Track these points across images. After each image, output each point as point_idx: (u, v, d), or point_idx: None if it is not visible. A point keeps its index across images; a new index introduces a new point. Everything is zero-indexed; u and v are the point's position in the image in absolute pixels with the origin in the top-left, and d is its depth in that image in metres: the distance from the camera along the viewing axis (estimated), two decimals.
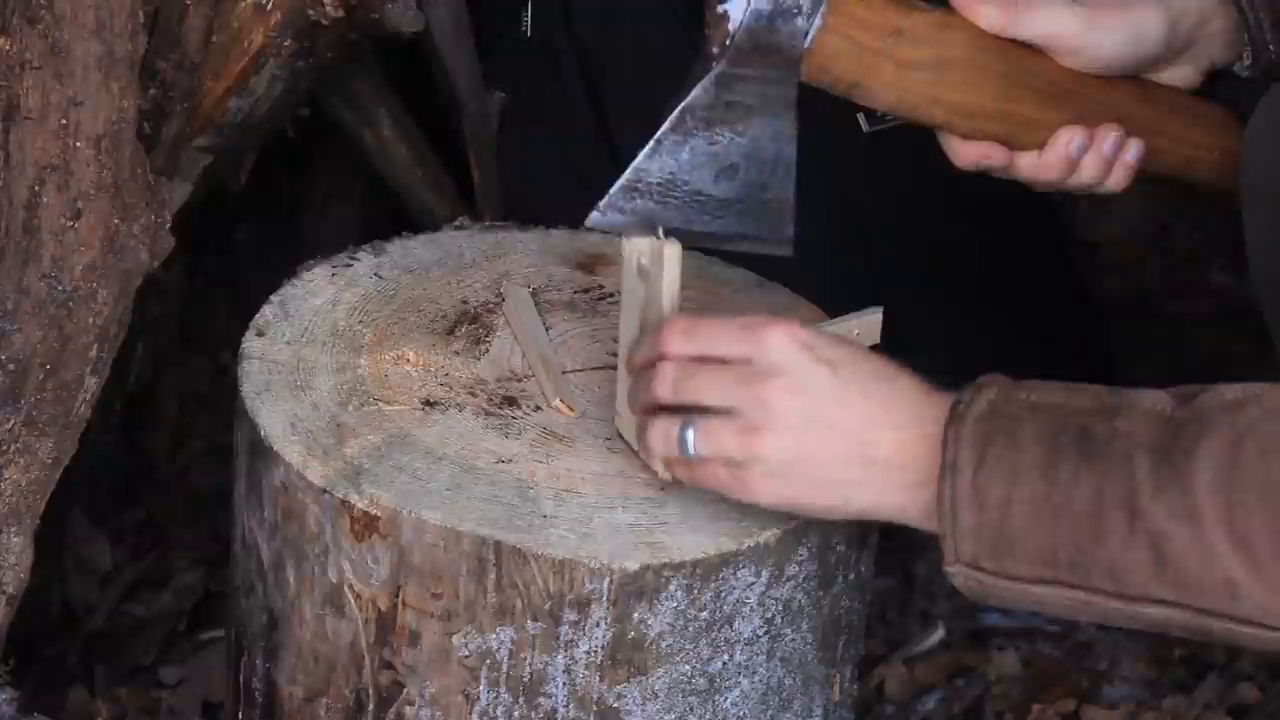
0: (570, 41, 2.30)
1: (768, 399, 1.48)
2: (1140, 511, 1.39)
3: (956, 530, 1.45)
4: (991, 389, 1.47)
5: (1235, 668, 2.21)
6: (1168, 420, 1.41)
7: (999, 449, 1.43)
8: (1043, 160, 1.71)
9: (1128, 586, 1.41)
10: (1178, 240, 2.79)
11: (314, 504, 1.58)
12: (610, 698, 1.58)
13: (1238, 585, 1.37)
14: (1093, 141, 1.71)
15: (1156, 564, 1.39)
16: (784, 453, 1.48)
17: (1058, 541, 1.42)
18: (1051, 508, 1.42)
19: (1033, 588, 1.44)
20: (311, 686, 1.65)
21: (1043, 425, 1.43)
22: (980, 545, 1.44)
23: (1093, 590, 1.43)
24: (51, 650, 2.14)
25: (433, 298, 1.80)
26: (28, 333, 1.70)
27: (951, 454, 1.44)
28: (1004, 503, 1.43)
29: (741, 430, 1.49)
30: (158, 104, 1.89)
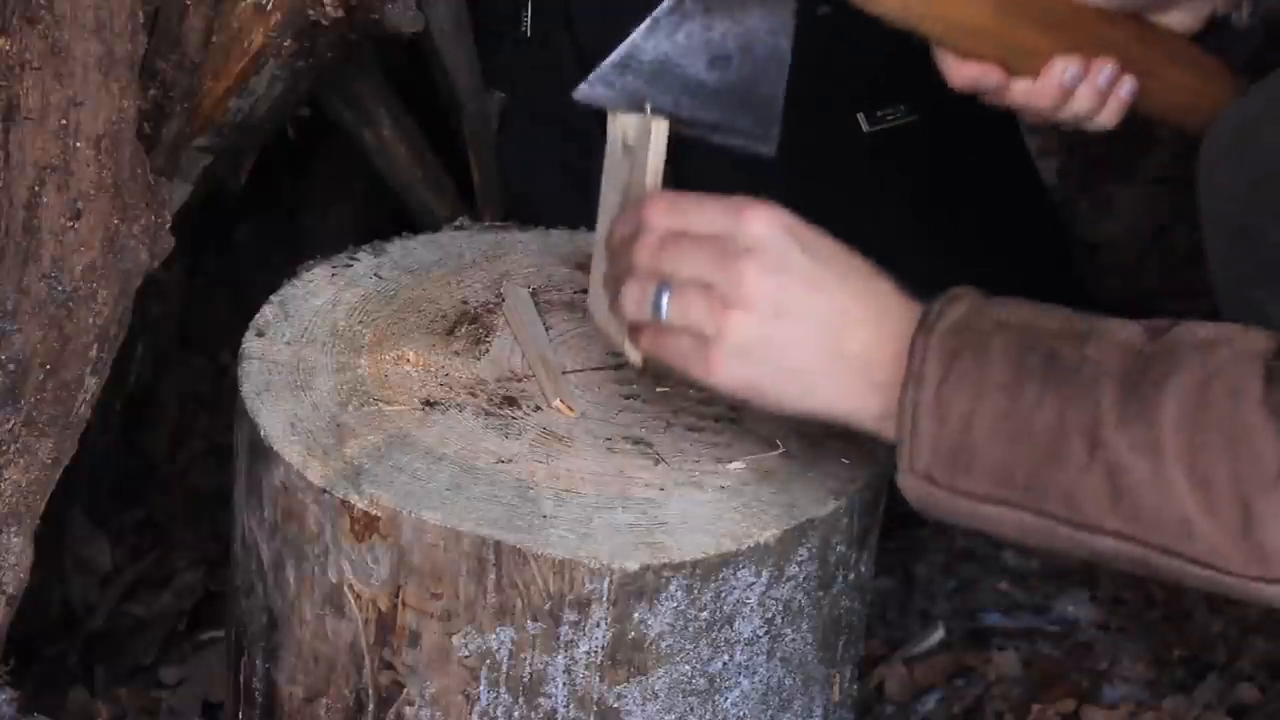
0: (570, 41, 2.30)
1: (744, 276, 1.46)
2: (1102, 440, 1.38)
3: (915, 440, 1.43)
4: (964, 302, 1.46)
5: (1235, 668, 2.21)
6: (1138, 352, 1.40)
7: (966, 363, 1.42)
8: (1037, 87, 1.71)
9: (1081, 514, 1.40)
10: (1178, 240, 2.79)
11: (314, 504, 1.58)
12: (610, 698, 1.58)
13: (1193, 524, 1.37)
14: (1087, 73, 1.70)
15: (1113, 494, 1.39)
16: (752, 333, 1.46)
17: (1016, 461, 1.41)
18: (1012, 427, 1.40)
19: (984, 506, 1.43)
20: (311, 686, 1.65)
21: (1011, 343, 1.42)
22: (936, 457, 1.43)
23: (1045, 515, 1.42)
24: (51, 650, 2.13)
25: (433, 298, 1.80)
26: (28, 333, 1.70)
27: (918, 363, 1.43)
28: (966, 417, 1.41)
29: (715, 303, 1.47)
30: (158, 104, 1.89)
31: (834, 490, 1.62)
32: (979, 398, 1.41)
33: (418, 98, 2.33)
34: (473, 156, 2.32)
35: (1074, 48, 1.71)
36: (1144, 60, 1.73)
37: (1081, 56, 1.70)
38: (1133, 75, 1.72)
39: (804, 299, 1.47)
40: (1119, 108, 1.73)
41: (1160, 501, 1.38)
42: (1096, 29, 1.71)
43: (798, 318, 1.46)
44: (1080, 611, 2.31)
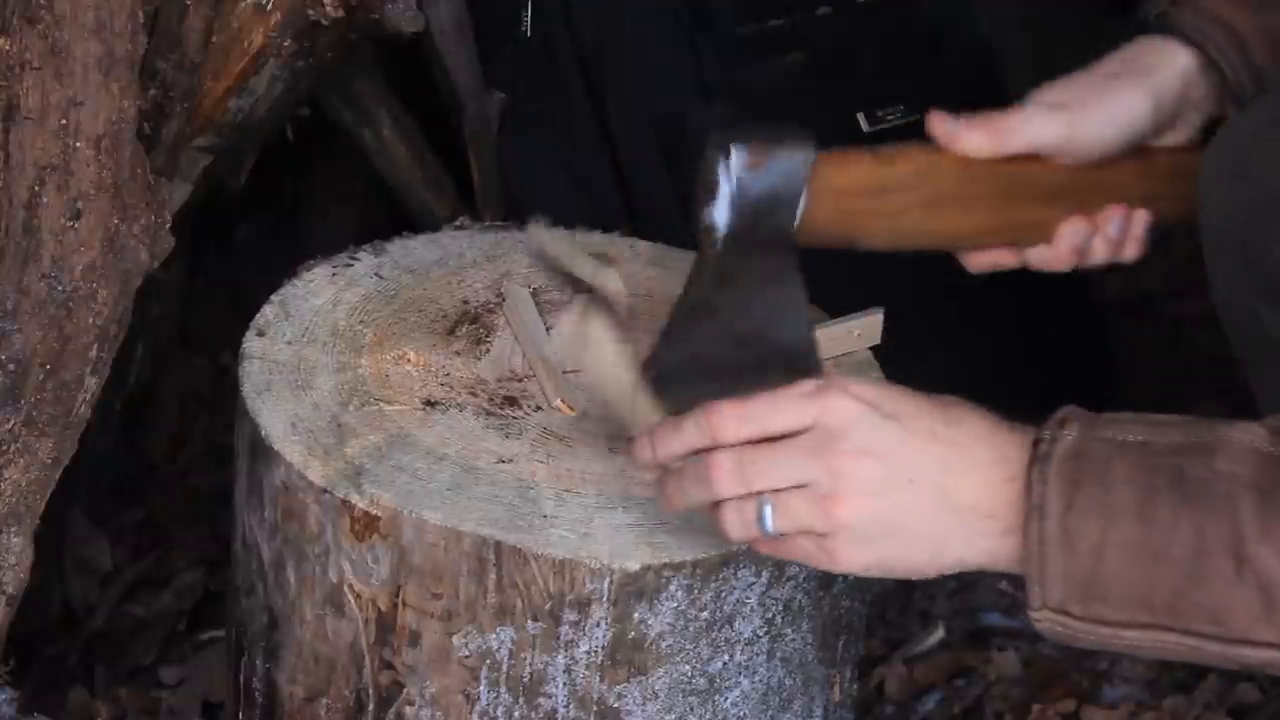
0: (570, 41, 2.30)
1: (839, 466, 1.42)
2: (1247, 555, 1.34)
3: (1045, 575, 1.39)
4: (1074, 424, 1.41)
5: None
6: (1268, 456, 1.36)
7: (1089, 490, 1.38)
8: (1052, 254, 1.72)
9: (1231, 630, 1.37)
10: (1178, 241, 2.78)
11: (314, 504, 1.58)
12: (610, 698, 1.58)
13: None
14: (1097, 229, 1.71)
15: (1265, 607, 1.35)
16: (866, 517, 1.42)
17: (1155, 585, 1.37)
18: (1150, 552, 1.37)
19: (1125, 632, 1.40)
20: (312, 686, 1.65)
21: (1134, 465, 1.38)
22: (1070, 590, 1.39)
23: (1191, 634, 1.38)
24: (51, 650, 2.13)
25: (433, 298, 1.80)
26: (28, 333, 1.70)
27: (1038, 496, 1.39)
28: (1097, 546, 1.37)
29: (819, 500, 1.43)
30: (158, 104, 1.89)
31: None
32: (1108, 525, 1.37)
33: (418, 98, 2.33)
34: (473, 156, 2.32)
35: (1079, 207, 1.70)
36: (1151, 188, 1.72)
37: (1087, 213, 1.70)
38: (1144, 207, 1.71)
39: (907, 469, 1.42)
40: (1137, 244, 1.73)
41: None
42: (1095, 181, 1.70)
43: (906, 489, 1.42)
44: None
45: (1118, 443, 1.40)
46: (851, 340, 1.78)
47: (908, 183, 1.66)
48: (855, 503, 1.42)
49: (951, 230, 1.70)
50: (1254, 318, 1.61)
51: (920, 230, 1.68)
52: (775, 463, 1.44)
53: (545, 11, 2.31)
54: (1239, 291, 1.62)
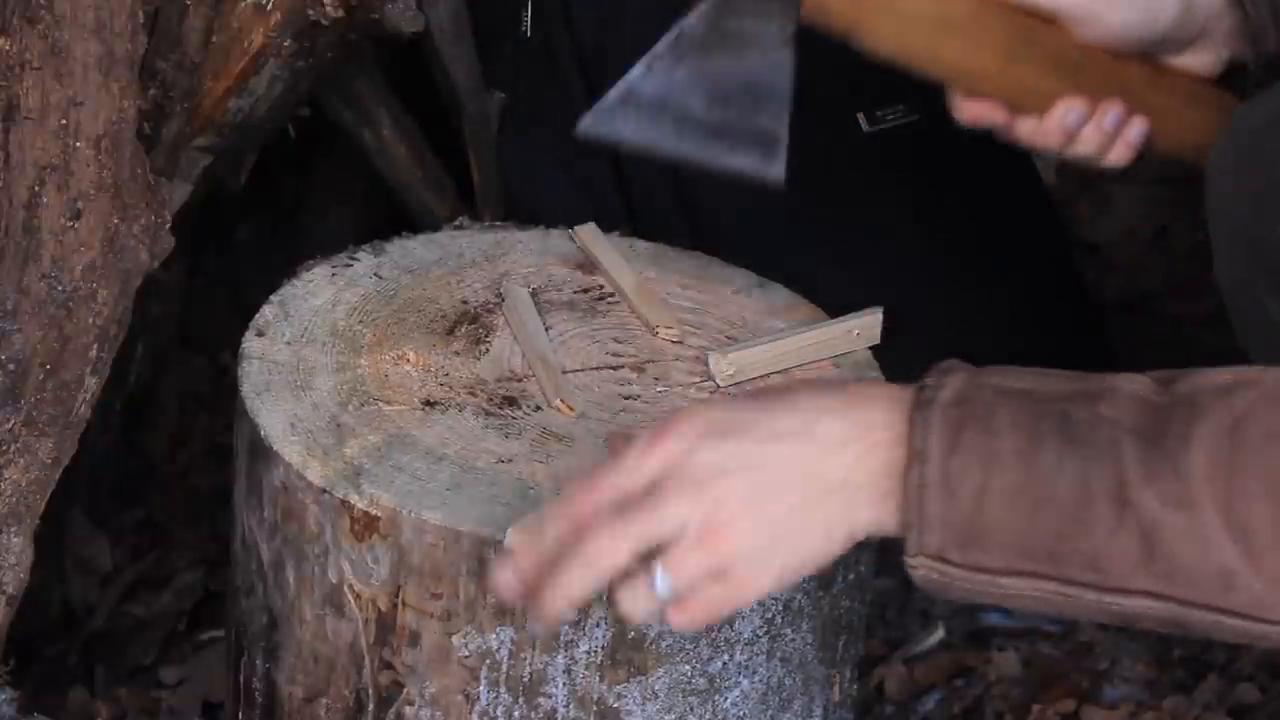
0: (570, 41, 2.30)
1: (704, 498, 1.37)
2: (1130, 499, 1.33)
3: (924, 521, 1.36)
4: (958, 374, 1.39)
5: (1235, 668, 2.21)
6: (1153, 404, 1.35)
7: (972, 435, 1.35)
8: (1042, 126, 1.69)
9: (1109, 577, 1.35)
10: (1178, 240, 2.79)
11: (314, 504, 1.58)
12: (610, 698, 1.58)
13: (1234, 575, 1.32)
14: (1093, 115, 1.69)
15: (1145, 553, 1.34)
16: (752, 535, 1.38)
17: (1036, 532, 1.35)
18: (1032, 497, 1.35)
19: (1003, 579, 1.37)
20: (311, 686, 1.65)
21: (1019, 411, 1.36)
22: (948, 536, 1.36)
23: (1068, 582, 1.36)
24: (51, 650, 2.13)
25: (433, 298, 1.80)
26: (28, 333, 1.70)
27: (920, 441, 1.36)
28: (978, 492, 1.35)
29: (702, 539, 1.37)
30: (158, 104, 1.89)
31: None
32: (990, 470, 1.35)
33: (418, 98, 2.33)
34: (473, 156, 2.32)
35: (1081, 89, 1.69)
36: (1155, 102, 1.70)
37: (1088, 98, 1.69)
38: (1143, 117, 1.70)
39: (768, 474, 1.38)
40: (1128, 149, 1.70)
41: (1198, 555, 1.32)
42: (1104, 70, 1.69)
43: (771, 493, 1.38)
44: None
45: (1003, 389, 1.38)
46: (851, 340, 1.78)
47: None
48: (735, 527, 1.37)
49: (953, 61, 1.68)
50: (1260, 307, 1.61)
51: (923, 49, 1.66)
52: (646, 515, 1.38)
53: (545, 11, 2.31)
54: (1246, 281, 1.62)
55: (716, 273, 1.88)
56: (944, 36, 1.67)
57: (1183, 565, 1.33)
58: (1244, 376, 1.35)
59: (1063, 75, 1.69)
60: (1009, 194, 2.46)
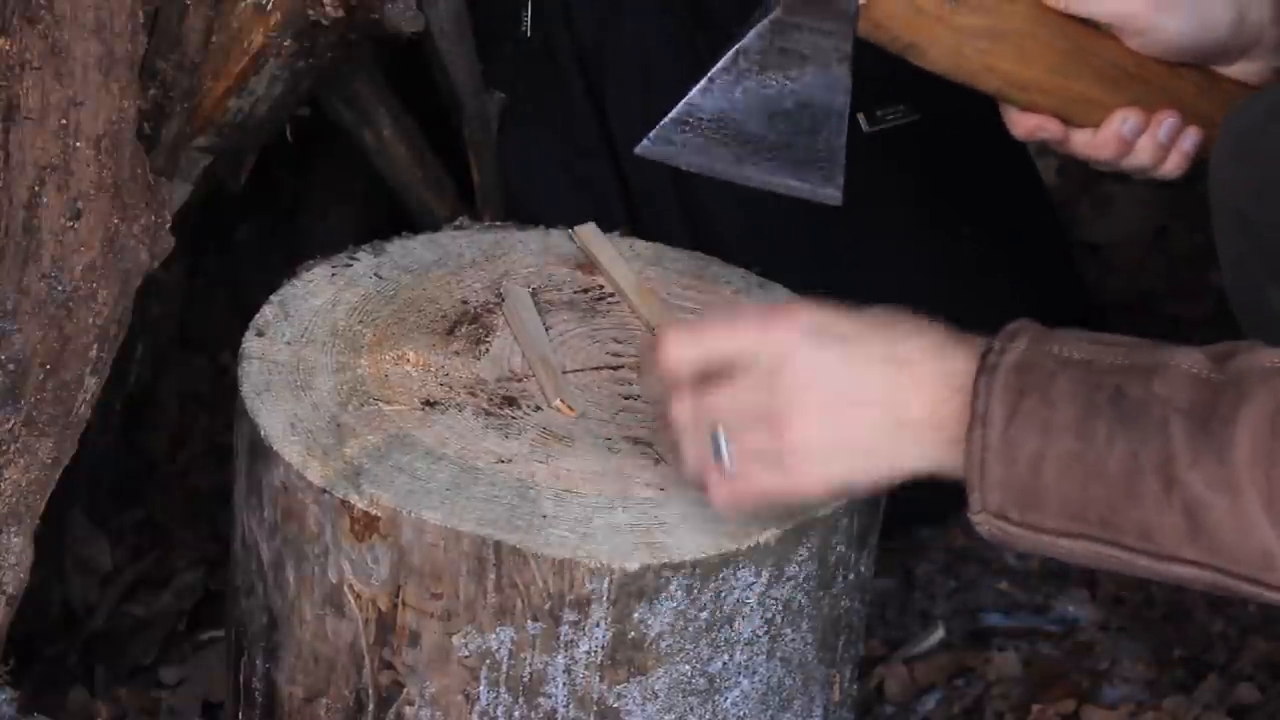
0: (570, 41, 2.30)
1: (786, 390, 1.46)
2: (1176, 478, 1.38)
3: (984, 482, 1.43)
4: (1022, 338, 1.45)
5: (1235, 668, 2.21)
6: (1205, 382, 1.39)
7: (1032, 403, 1.42)
8: (1097, 138, 1.71)
9: (1159, 546, 1.40)
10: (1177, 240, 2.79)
11: (314, 504, 1.58)
12: (610, 698, 1.58)
13: (1274, 556, 1.37)
14: (1148, 125, 1.70)
15: (1191, 529, 1.38)
16: (816, 438, 1.47)
17: (1089, 499, 1.41)
18: (1084, 467, 1.41)
19: (1061, 540, 1.44)
20: (311, 686, 1.65)
21: (1077, 382, 1.42)
22: (1008, 497, 1.43)
23: (1122, 547, 1.42)
24: (51, 650, 2.13)
25: (433, 298, 1.80)
26: (28, 333, 1.70)
27: (983, 405, 1.42)
28: (1035, 458, 1.41)
29: (770, 424, 1.47)
30: (158, 104, 1.89)
31: None
32: (1047, 438, 1.41)
33: (418, 98, 2.33)
34: (473, 156, 2.32)
35: (1136, 100, 1.70)
36: (1209, 111, 1.71)
37: (1143, 109, 1.70)
38: (1197, 127, 1.71)
39: (851, 389, 1.46)
40: (1183, 159, 1.72)
41: (1240, 536, 1.37)
42: (1159, 80, 1.70)
43: (850, 407, 1.46)
44: (1080, 611, 2.31)
45: (1063, 358, 1.44)
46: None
47: (981, 3, 1.66)
48: (804, 427, 1.46)
49: (1008, 74, 1.69)
50: (1262, 298, 1.61)
51: (979, 63, 1.68)
52: (724, 393, 1.48)
53: (545, 11, 2.31)
54: (1248, 271, 1.63)
55: (716, 273, 1.88)
56: (999, 49, 1.68)
57: (1226, 543, 1.38)
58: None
59: (1118, 86, 1.70)
60: (1009, 194, 2.46)
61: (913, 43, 1.67)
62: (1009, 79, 1.70)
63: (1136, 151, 1.72)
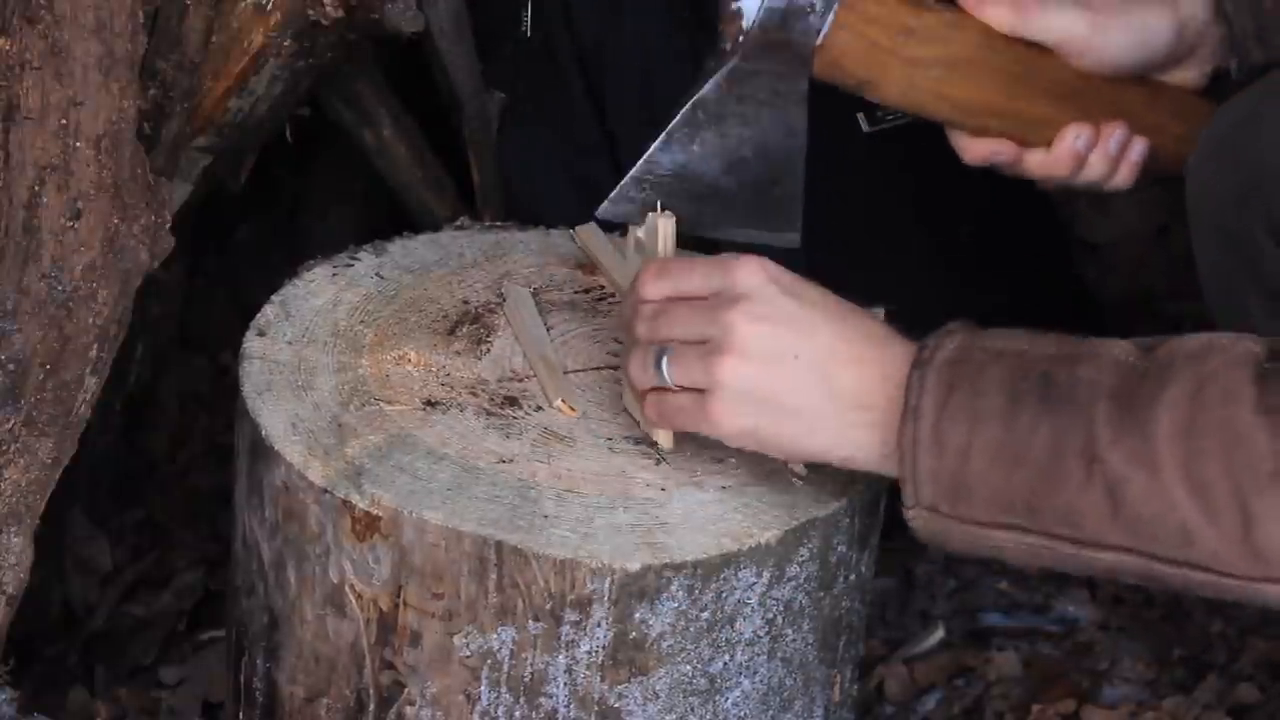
0: (570, 41, 2.30)
1: (732, 324, 1.50)
2: (1098, 457, 1.40)
3: (916, 474, 1.46)
4: (957, 335, 1.49)
5: (1235, 668, 2.21)
6: (1131, 368, 1.43)
7: (961, 394, 1.45)
8: (1050, 156, 1.75)
9: (1083, 531, 1.43)
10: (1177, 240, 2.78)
11: (315, 504, 1.58)
12: (611, 698, 1.58)
13: (1192, 531, 1.39)
14: (1099, 139, 1.74)
15: (1112, 510, 1.41)
16: (746, 379, 1.50)
17: (1015, 486, 1.43)
18: (1010, 454, 1.43)
19: (991, 532, 1.46)
20: (312, 686, 1.65)
21: (1006, 371, 1.45)
22: (939, 490, 1.46)
23: (1049, 535, 1.44)
24: (51, 650, 2.13)
25: (434, 298, 1.80)
26: (28, 333, 1.70)
27: (915, 398, 1.46)
28: (964, 448, 1.44)
29: (707, 355, 1.51)
30: (158, 104, 1.89)
31: (835, 491, 1.62)
32: (975, 428, 1.44)
33: (418, 98, 2.33)
34: (473, 156, 2.32)
35: (1084, 115, 1.73)
36: (1154, 120, 1.76)
37: (1092, 123, 1.73)
38: (1144, 136, 1.75)
39: (792, 342, 1.50)
40: (1132, 170, 1.77)
41: (1159, 511, 1.40)
42: (1105, 95, 1.74)
43: (785, 362, 1.50)
44: (1080, 611, 2.31)
45: (995, 350, 1.47)
46: None
47: (931, 33, 1.69)
48: (738, 362, 1.50)
49: (962, 100, 1.73)
50: (1243, 306, 1.63)
51: (933, 91, 1.71)
52: (680, 315, 1.54)
53: (545, 11, 2.31)
54: (1227, 280, 1.64)
55: None
56: (951, 77, 1.72)
57: (1146, 521, 1.40)
58: (1217, 342, 1.42)
59: (1066, 103, 1.74)
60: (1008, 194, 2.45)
61: (867, 79, 1.71)
62: (961, 105, 1.74)
63: (1089, 166, 1.76)
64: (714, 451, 1.64)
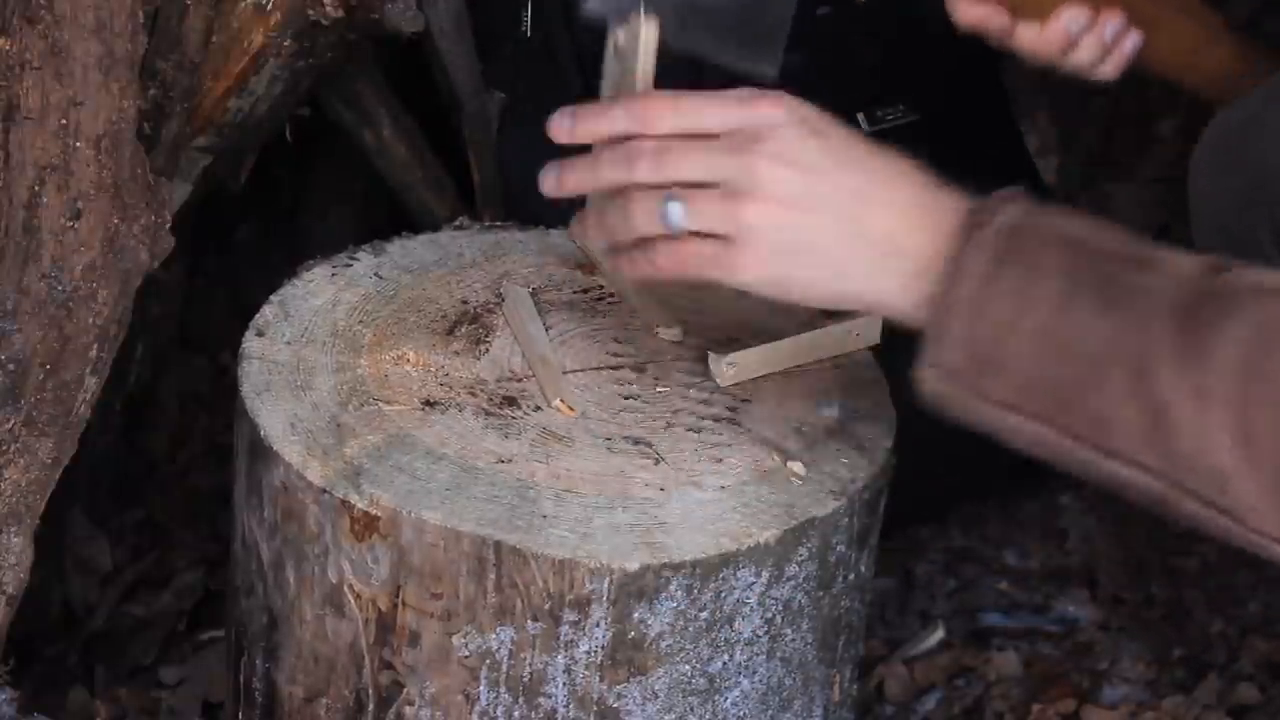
0: (570, 41, 2.30)
1: (756, 166, 1.40)
2: (1149, 373, 1.32)
3: (946, 335, 1.37)
4: (1019, 205, 1.39)
5: (1235, 668, 2.22)
6: (1197, 287, 1.34)
7: (1015, 269, 1.36)
8: (1043, 34, 1.71)
9: (1110, 442, 1.34)
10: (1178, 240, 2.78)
11: (314, 504, 1.58)
12: (610, 698, 1.58)
13: (1229, 477, 1.31)
14: (1094, 24, 1.71)
15: (1149, 430, 1.32)
16: (772, 221, 1.40)
17: (1052, 378, 1.35)
18: (1056, 344, 1.35)
19: (1006, 414, 1.38)
20: (311, 686, 1.65)
21: (1067, 258, 1.36)
22: (965, 357, 1.37)
23: (1071, 434, 1.36)
24: (51, 650, 2.14)
25: (433, 298, 1.80)
26: (28, 333, 1.70)
27: (964, 257, 1.36)
28: (1006, 324, 1.35)
29: (728, 199, 1.40)
30: (158, 104, 1.89)
31: (834, 490, 1.62)
32: (1023, 308, 1.35)
33: (418, 98, 2.33)
34: (473, 156, 2.32)
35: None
36: (1152, 16, 1.73)
37: (1090, 6, 1.71)
38: (1138, 29, 1.72)
39: (822, 184, 1.40)
40: (1121, 61, 1.73)
41: (1199, 447, 1.31)
42: None
43: (814, 203, 1.40)
44: (1080, 611, 2.31)
45: (1057, 231, 1.38)
46: (851, 340, 1.78)
47: None
48: (764, 207, 1.40)
49: None
50: None
51: None
52: (695, 154, 1.42)
53: (545, 11, 2.31)
54: None
55: None
56: None
57: (1183, 453, 1.32)
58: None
59: None
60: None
61: None
62: None
63: (1080, 49, 1.71)
64: (712, 451, 1.64)
